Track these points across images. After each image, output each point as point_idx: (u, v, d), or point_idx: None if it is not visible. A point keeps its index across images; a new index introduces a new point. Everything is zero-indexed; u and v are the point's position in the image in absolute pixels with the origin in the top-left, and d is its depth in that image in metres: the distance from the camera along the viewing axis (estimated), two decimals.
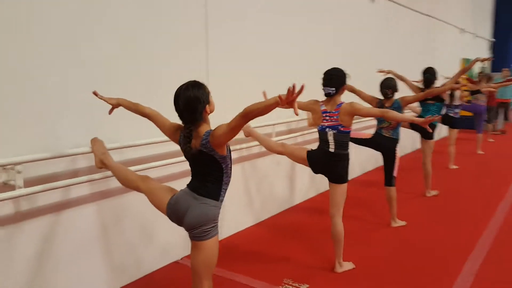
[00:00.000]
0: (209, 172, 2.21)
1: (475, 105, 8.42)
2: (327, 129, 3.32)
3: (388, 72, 5.54)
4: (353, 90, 4.62)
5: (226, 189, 2.30)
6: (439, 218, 4.77)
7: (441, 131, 10.51)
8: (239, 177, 4.26)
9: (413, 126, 6.63)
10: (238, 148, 4.05)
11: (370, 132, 4.60)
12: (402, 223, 4.56)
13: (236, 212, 4.26)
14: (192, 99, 2.12)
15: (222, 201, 2.29)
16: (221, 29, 3.86)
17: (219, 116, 2.47)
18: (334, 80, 3.26)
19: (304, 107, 3.55)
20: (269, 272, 3.44)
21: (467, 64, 5.37)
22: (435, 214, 4.91)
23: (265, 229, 4.42)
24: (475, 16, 13.26)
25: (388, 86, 4.39)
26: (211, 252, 2.25)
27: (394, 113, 3.27)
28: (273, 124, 4.44)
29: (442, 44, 10.40)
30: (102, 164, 2.67)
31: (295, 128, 5.05)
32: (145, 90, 3.18)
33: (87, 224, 2.96)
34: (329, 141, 3.32)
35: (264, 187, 4.63)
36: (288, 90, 1.77)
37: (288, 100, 1.80)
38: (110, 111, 2.63)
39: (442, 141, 9.46)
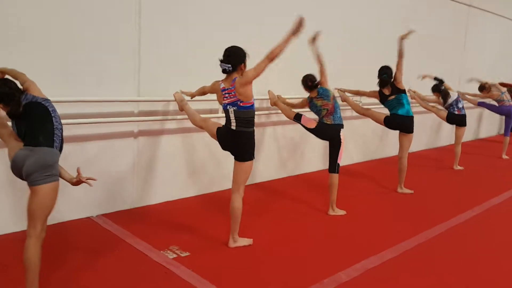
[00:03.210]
0: (41, 122, 2.47)
1: (501, 107, 7.70)
2: (228, 107, 3.32)
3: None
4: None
5: (59, 136, 2.53)
6: (383, 216, 4.51)
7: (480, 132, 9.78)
8: (179, 148, 4.40)
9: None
10: (178, 118, 4.20)
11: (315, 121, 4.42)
12: (341, 212, 4.42)
13: (173, 182, 4.41)
14: None
15: (57, 148, 2.50)
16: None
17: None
18: (232, 57, 3.24)
19: (209, 90, 3.61)
20: (162, 238, 3.55)
21: None
22: (384, 211, 4.65)
23: (203, 201, 4.52)
24: None
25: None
26: (46, 196, 2.44)
27: (262, 63, 3.15)
28: None
29: (494, 39, 9.54)
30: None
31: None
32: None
33: None
34: (231, 118, 3.33)
35: (211, 162, 4.70)
36: None
37: None
38: None
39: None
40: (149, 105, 4.07)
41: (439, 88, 6.50)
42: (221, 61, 3.26)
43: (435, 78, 6.55)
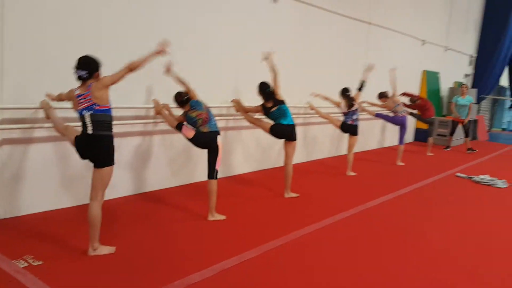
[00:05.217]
0: None
1: (395, 117, 8.22)
2: (83, 112, 3.35)
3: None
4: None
5: None
6: (261, 219, 4.64)
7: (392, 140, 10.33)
8: (50, 157, 4.29)
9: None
10: (45, 126, 4.09)
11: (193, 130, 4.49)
12: (220, 217, 4.51)
13: (44, 192, 4.29)
14: None
15: None
16: None
17: None
18: (88, 65, 3.32)
19: (65, 97, 3.64)
20: (19, 248, 3.46)
21: None
22: (263, 215, 4.79)
23: (77, 212, 4.41)
24: (451, 29, 12.84)
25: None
26: None
27: (121, 72, 3.35)
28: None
29: (396, 55, 10.15)
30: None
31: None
32: None
33: None
34: (87, 123, 3.34)
35: (87, 171, 4.60)
36: None
37: None
38: None
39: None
40: (14, 112, 3.95)
41: (347, 94, 6.78)
42: (77, 68, 3.31)
43: (362, 81, 7.07)
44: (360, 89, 7.03)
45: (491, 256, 4.09)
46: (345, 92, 6.80)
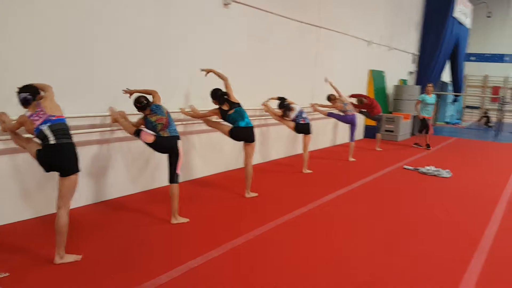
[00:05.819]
0: None
1: (346, 116, 8.60)
2: (41, 126, 3.42)
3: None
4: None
5: None
6: (222, 219, 4.79)
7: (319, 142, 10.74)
8: (8, 169, 4.25)
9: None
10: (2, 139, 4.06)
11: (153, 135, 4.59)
12: (183, 220, 4.62)
13: (3, 205, 4.25)
14: None
15: None
16: None
17: None
18: (29, 89, 3.49)
19: (18, 126, 3.63)
20: None
21: None
22: (224, 215, 4.93)
23: (40, 223, 4.39)
24: (395, 30, 13.48)
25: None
26: None
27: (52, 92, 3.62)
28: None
29: (344, 55, 10.60)
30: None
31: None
32: None
33: None
34: (47, 135, 3.41)
35: (48, 182, 4.60)
36: None
37: None
38: None
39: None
40: None
41: (284, 104, 7.09)
42: (20, 92, 3.46)
43: (279, 98, 7.19)
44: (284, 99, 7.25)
45: (438, 240, 4.45)
46: (282, 106, 7.10)
